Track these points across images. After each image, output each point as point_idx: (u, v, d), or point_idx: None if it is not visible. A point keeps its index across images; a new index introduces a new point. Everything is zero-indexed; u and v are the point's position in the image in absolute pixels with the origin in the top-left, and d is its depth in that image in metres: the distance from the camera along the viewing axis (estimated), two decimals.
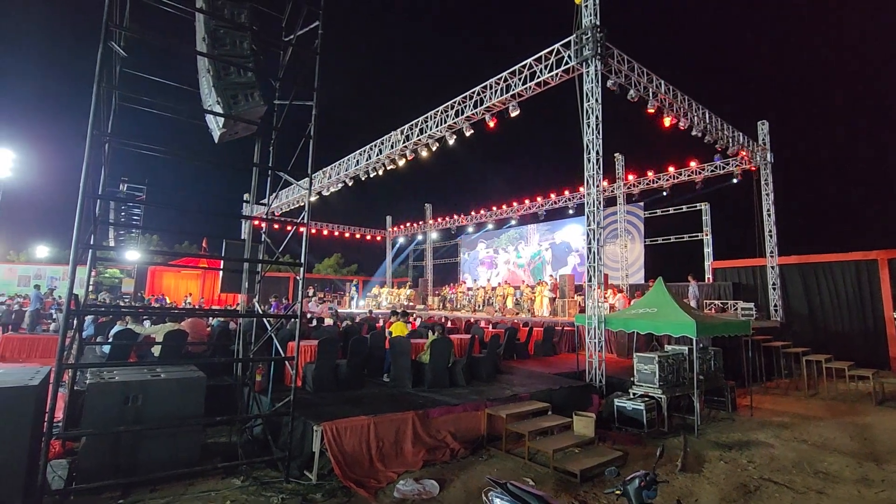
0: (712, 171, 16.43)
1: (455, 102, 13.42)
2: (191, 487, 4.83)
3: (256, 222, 13.33)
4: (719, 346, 9.01)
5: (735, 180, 15.54)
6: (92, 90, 4.65)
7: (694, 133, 12.48)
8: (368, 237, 30.19)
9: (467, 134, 13.48)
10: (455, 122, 13.48)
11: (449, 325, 13.57)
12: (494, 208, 24.75)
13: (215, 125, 6.59)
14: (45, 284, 20.44)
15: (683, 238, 20.27)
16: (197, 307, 21.55)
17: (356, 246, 31.83)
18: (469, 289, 21.52)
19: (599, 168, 9.29)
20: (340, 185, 19.11)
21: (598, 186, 9.25)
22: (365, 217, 32.35)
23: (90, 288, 7.79)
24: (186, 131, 7.84)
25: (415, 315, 16.04)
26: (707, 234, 19.29)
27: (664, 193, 18.35)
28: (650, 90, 11.16)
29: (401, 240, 31.02)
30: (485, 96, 12.50)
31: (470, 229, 27.48)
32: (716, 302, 14.98)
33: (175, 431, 5.07)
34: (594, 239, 9.13)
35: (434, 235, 29.33)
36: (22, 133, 43.07)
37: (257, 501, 4.62)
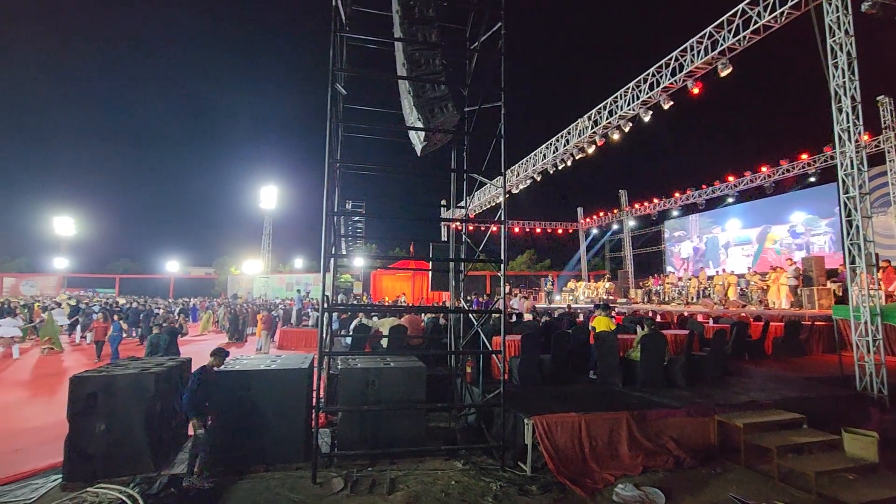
0: None
1: (648, 75, 12.20)
2: (420, 464, 5.41)
3: (456, 224, 14.34)
4: None
5: None
6: (326, 126, 5.63)
7: None
8: (560, 231, 29.69)
9: (665, 107, 12.08)
10: (650, 97, 12.24)
11: (658, 319, 12.36)
12: (705, 186, 21.63)
13: (417, 140, 7.30)
14: (303, 289, 25.79)
15: None
16: (411, 305, 24.33)
17: (548, 240, 31.68)
18: (679, 279, 19.25)
19: (857, 119, 7.25)
20: (529, 182, 19.24)
21: (855, 143, 7.22)
22: (555, 211, 32.05)
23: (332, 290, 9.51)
24: (391, 149, 8.94)
25: (616, 309, 15.11)
26: None
27: None
28: None
29: (594, 231, 29.66)
30: (684, 60, 11.04)
31: (675, 213, 24.60)
32: None
33: (404, 413, 5.76)
34: (855, 209, 7.15)
35: (632, 223, 27.22)
36: (281, 171, 55.41)
37: (478, 485, 4.90)
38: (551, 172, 17.66)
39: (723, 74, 10.32)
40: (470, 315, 7.79)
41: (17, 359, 12.40)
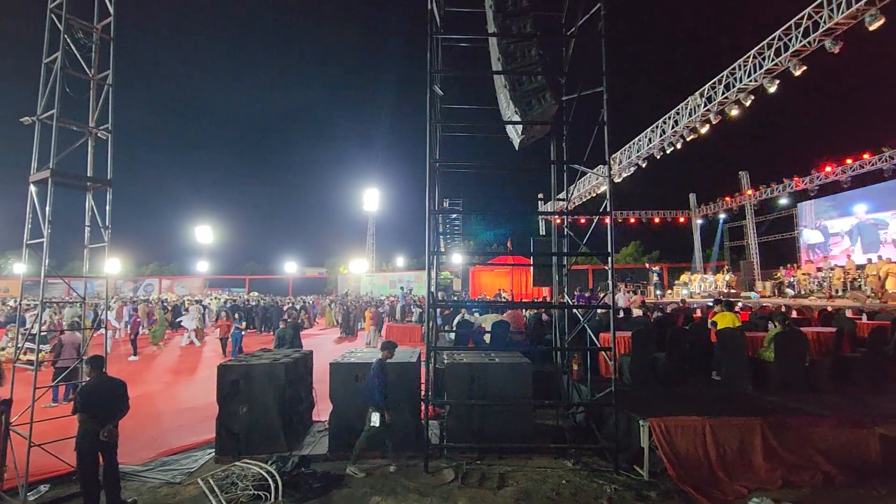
0: None
1: (773, 39, 10.80)
2: (529, 461, 5.35)
3: (556, 218, 13.95)
4: None
5: None
6: (425, 128, 5.80)
7: None
8: (669, 219, 27.54)
9: (797, 73, 10.62)
10: (776, 64, 10.83)
11: (793, 315, 10.92)
12: (850, 161, 18.59)
13: (515, 134, 7.22)
14: (405, 286, 26.93)
15: None
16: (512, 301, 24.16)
17: (656, 231, 29.48)
18: (818, 269, 16.81)
19: None
20: (633, 169, 18.12)
21: None
22: (663, 198, 29.80)
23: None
24: (489, 145, 8.94)
25: (740, 304, 13.63)
26: None
27: None
28: None
29: (714, 217, 27.03)
30: (821, 17, 9.60)
31: (811, 193, 21.48)
32: None
33: (511, 409, 5.73)
34: None
35: (755, 208, 24.33)
36: (381, 173, 58.58)
37: (590, 487, 4.73)
38: (658, 157, 16.44)
39: (872, 28, 8.80)
40: (575, 311, 7.53)
41: (182, 346, 14.63)
